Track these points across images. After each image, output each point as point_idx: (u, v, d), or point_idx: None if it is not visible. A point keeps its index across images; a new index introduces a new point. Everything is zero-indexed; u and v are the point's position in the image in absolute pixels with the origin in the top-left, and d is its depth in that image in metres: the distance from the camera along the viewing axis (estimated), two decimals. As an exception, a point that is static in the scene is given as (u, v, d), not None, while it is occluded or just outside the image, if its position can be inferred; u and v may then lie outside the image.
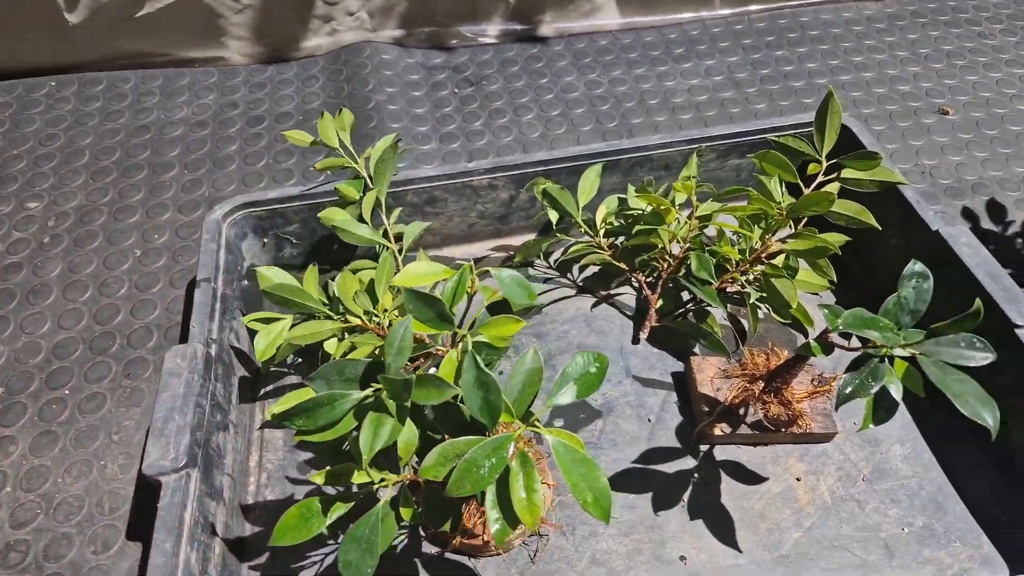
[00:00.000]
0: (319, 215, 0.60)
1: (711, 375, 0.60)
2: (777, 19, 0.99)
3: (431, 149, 0.82)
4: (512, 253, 0.72)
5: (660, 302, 0.66)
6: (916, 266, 0.44)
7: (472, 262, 0.47)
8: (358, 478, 0.43)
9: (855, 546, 0.52)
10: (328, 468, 0.44)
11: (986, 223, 0.76)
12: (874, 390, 0.42)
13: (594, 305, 0.68)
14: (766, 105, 0.87)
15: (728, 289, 0.67)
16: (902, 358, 0.43)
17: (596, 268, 0.70)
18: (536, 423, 0.42)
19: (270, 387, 0.62)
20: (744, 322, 0.67)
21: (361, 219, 0.62)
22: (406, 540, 0.52)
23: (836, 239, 0.65)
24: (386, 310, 0.57)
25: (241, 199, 0.65)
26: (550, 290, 0.69)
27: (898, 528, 0.53)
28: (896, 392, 0.42)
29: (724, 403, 0.57)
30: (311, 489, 0.56)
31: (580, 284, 0.70)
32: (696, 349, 0.65)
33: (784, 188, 0.63)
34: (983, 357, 0.42)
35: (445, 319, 0.40)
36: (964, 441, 0.58)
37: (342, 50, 0.92)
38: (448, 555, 0.52)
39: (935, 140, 0.84)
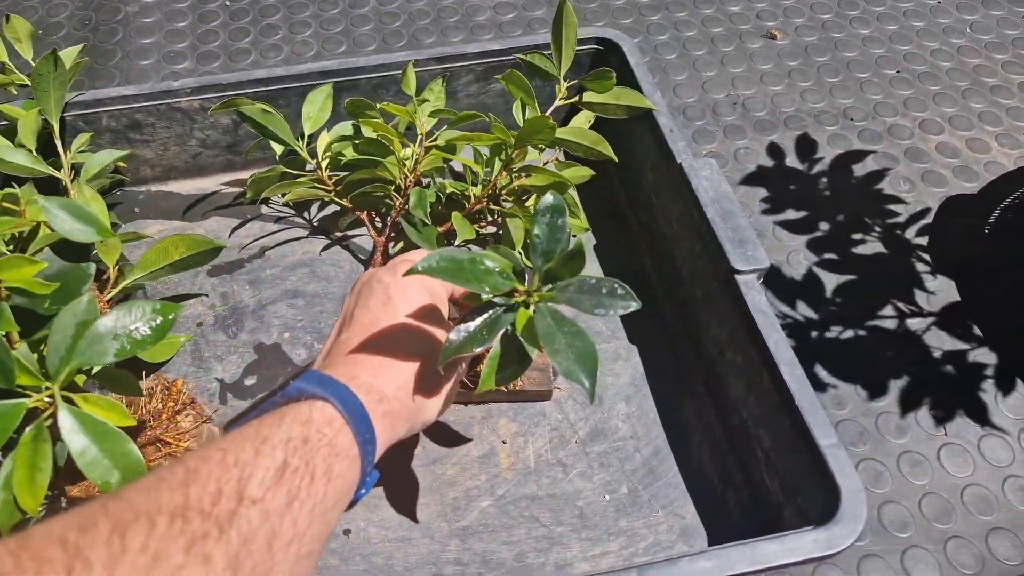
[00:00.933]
0: (-43, 139, 0.51)
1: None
2: (611, -71, 0.88)
3: (184, 69, 0.72)
4: (243, 189, 0.63)
5: (398, 245, 0.59)
6: (549, 198, 0.37)
7: (17, 190, 0.39)
8: None
9: (546, 516, 0.47)
10: None
11: (791, 160, 0.69)
12: (488, 344, 0.35)
13: (324, 248, 0.60)
14: (578, 24, 0.78)
15: (482, 232, 0.60)
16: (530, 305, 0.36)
17: (336, 207, 0.62)
18: (73, 388, 0.34)
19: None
20: (490, 267, 0.59)
21: (22, 146, 0.53)
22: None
23: (580, 173, 0.57)
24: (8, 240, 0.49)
25: None
26: (281, 230, 0.61)
27: (600, 495, 0.48)
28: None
29: None
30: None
31: (315, 224, 0.62)
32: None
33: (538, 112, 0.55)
34: (624, 306, 0.35)
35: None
36: (697, 395, 0.52)
37: (102, -46, 0.80)
38: None
39: (756, 67, 0.76)
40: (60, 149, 0.54)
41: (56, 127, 0.54)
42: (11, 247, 0.39)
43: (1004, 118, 0.71)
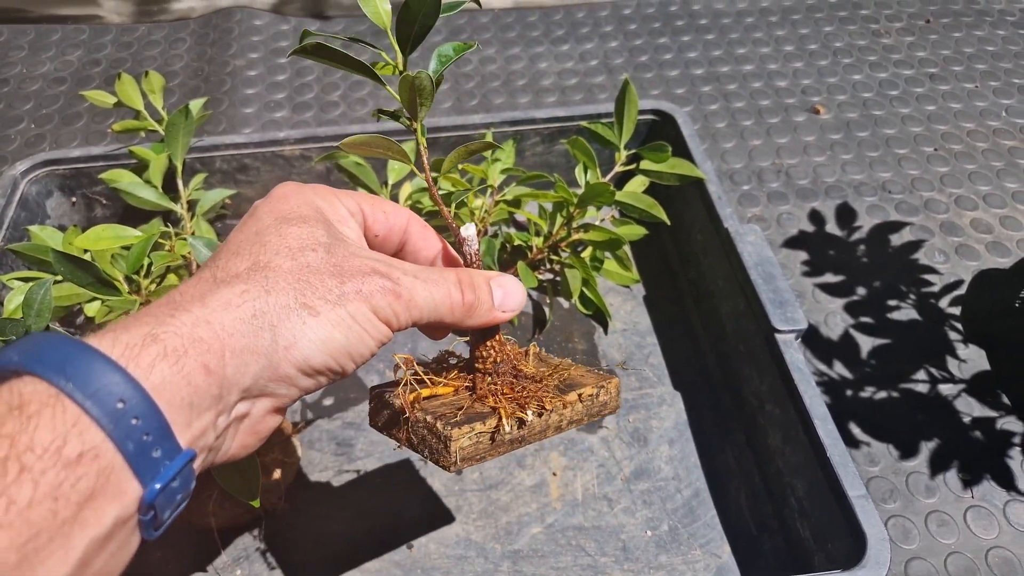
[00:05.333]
0: (99, 176, 0.59)
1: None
2: (668, 6, 0.96)
3: (281, 117, 0.81)
4: (329, 228, 0.70)
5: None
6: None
7: (171, 229, 0.46)
8: None
9: (591, 546, 0.51)
10: None
11: (831, 227, 0.73)
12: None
13: (398, 285, 0.67)
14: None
15: (541, 278, 0.66)
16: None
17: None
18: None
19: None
20: (546, 310, 0.65)
21: (150, 183, 0.61)
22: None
23: (634, 232, 0.63)
24: (149, 272, 0.56)
25: (44, 156, 0.64)
26: (360, 268, 0.68)
27: (642, 531, 0.52)
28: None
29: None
30: None
31: (391, 263, 0.68)
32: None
33: (599, 175, 0.61)
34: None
35: (106, 284, 0.39)
36: (737, 443, 0.56)
37: (214, 14, 0.91)
38: None
39: (800, 139, 0.81)
40: (180, 187, 0.62)
41: (179, 168, 0.62)
42: (159, 276, 0.47)
43: (1039, 198, 0.74)
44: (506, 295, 0.33)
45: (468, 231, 0.34)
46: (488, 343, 0.34)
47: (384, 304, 0.28)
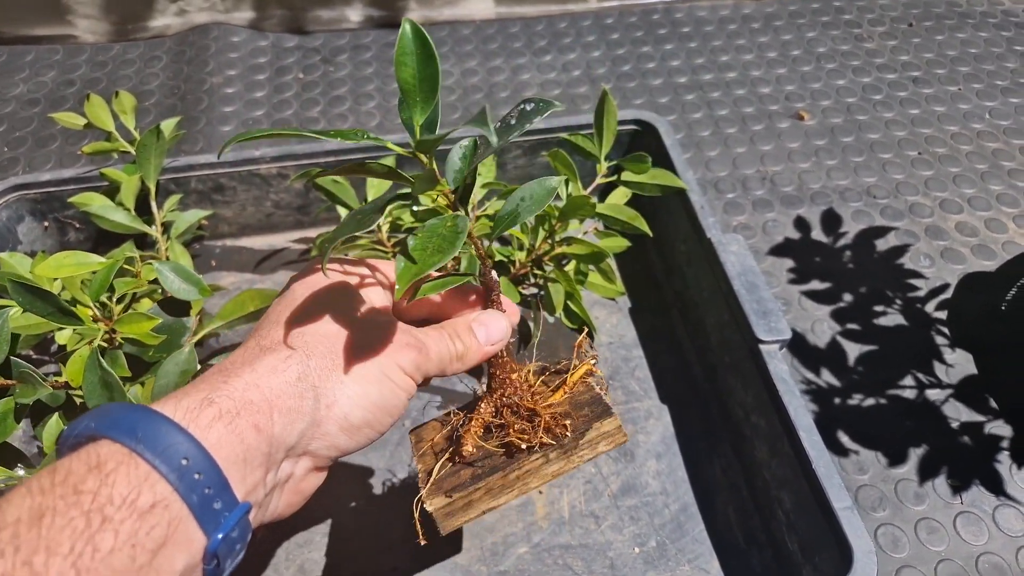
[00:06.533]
0: (69, 200, 0.58)
1: (432, 438, 0.41)
2: (650, 14, 0.96)
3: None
4: (310, 246, 0.70)
5: (447, 302, 0.64)
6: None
7: (136, 254, 0.45)
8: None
9: (579, 564, 0.50)
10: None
11: (817, 234, 0.73)
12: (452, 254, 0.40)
13: (380, 302, 0.66)
14: (618, 102, 0.84)
15: (523, 292, 0.65)
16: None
17: (393, 264, 0.68)
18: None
19: None
20: (531, 324, 0.64)
21: (122, 205, 0.60)
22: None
23: (618, 244, 0.62)
24: (122, 298, 0.55)
25: (14, 180, 0.63)
26: (342, 285, 0.67)
27: (630, 548, 0.51)
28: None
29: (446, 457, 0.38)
30: None
31: (373, 280, 0.67)
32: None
33: (581, 188, 0.60)
34: (544, 108, 0.31)
35: (67, 313, 0.38)
36: (724, 456, 0.55)
37: (191, 31, 0.90)
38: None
39: (785, 145, 0.81)
40: (154, 209, 0.61)
41: (153, 189, 0.61)
42: (129, 301, 0.46)
43: (1021, 200, 0.74)
44: (488, 331, 0.36)
45: (495, 276, 0.37)
46: (496, 373, 0.38)
47: (408, 360, 0.31)
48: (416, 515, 0.36)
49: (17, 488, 0.21)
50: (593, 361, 0.39)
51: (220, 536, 0.23)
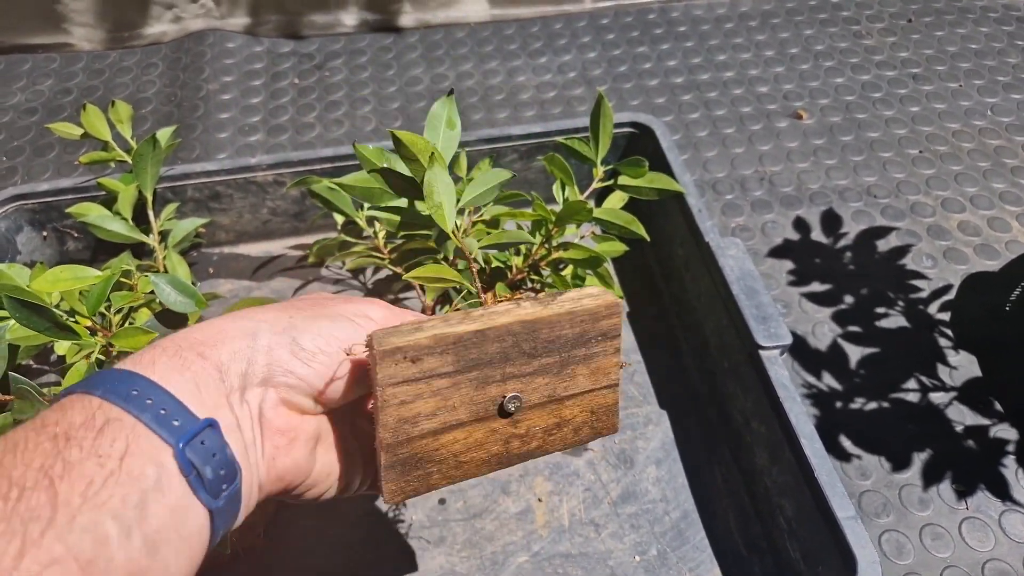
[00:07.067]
0: (67, 210, 0.58)
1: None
2: (646, 14, 0.95)
3: (256, 141, 0.80)
4: (307, 252, 0.69)
5: (444, 308, 0.64)
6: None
7: (133, 266, 0.44)
8: None
9: (579, 573, 0.50)
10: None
11: (817, 235, 0.72)
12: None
13: (378, 309, 0.65)
14: (615, 103, 0.84)
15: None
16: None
17: (389, 271, 0.68)
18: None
19: None
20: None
21: (119, 214, 0.60)
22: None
23: (615, 248, 0.62)
24: (120, 310, 0.55)
25: (12, 191, 0.63)
26: (339, 291, 0.67)
27: (630, 556, 0.51)
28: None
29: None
30: None
31: (370, 288, 0.67)
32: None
33: (577, 192, 0.60)
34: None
35: (63, 328, 0.38)
36: (725, 462, 0.55)
37: (187, 38, 0.90)
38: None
39: (783, 145, 0.80)
40: (151, 218, 0.61)
41: (150, 199, 0.61)
42: (121, 312, 0.45)
43: (1025, 198, 0.73)
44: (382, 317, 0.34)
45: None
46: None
47: (377, 312, 0.32)
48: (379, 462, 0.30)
49: None
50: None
51: (182, 444, 0.24)
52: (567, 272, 0.63)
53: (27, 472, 0.22)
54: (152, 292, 0.52)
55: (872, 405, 0.60)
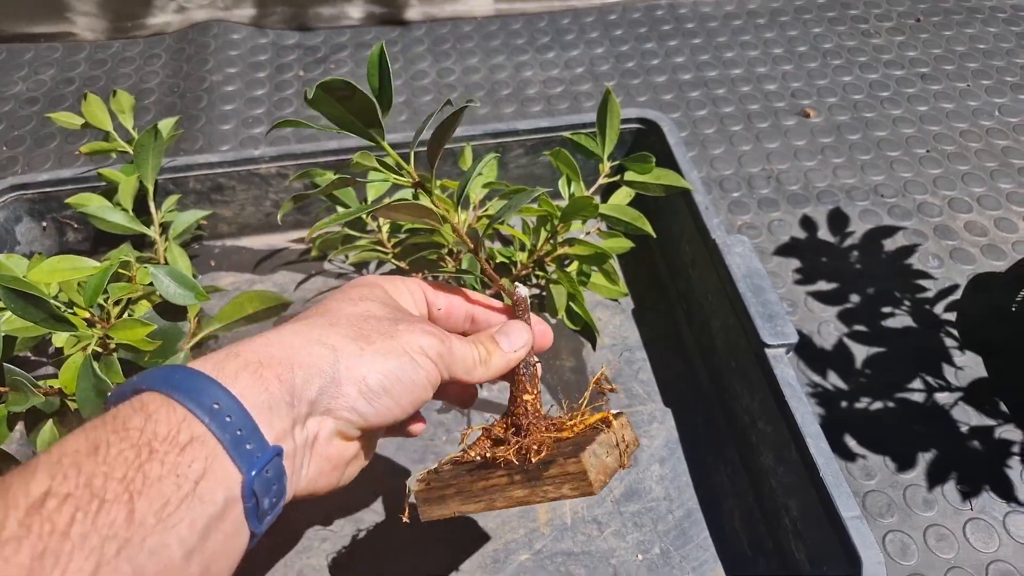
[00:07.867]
0: (66, 200, 0.58)
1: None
2: (654, 10, 0.94)
3: (260, 133, 0.79)
4: (310, 246, 0.69)
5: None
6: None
7: (132, 258, 0.44)
8: None
9: (581, 572, 0.50)
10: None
11: (823, 233, 0.72)
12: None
13: (381, 304, 0.65)
14: (622, 99, 0.83)
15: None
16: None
17: (393, 266, 0.67)
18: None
19: None
20: (533, 328, 0.63)
21: (119, 205, 0.59)
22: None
23: (621, 245, 0.61)
24: (119, 301, 0.55)
25: (11, 180, 0.62)
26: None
27: (633, 555, 0.50)
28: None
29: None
30: None
31: (373, 281, 0.67)
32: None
33: (583, 188, 0.59)
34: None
35: (60, 319, 0.37)
36: (730, 461, 0.55)
37: (191, 28, 0.89)
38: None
39: (790, 143, 0.80)
40: (152, 210, 0.61)
41: (151, 190, 0.60)
42: (119, 303, 0.45)
43: (1033, 199, 0.73)
44: (510, 339, 0.37)
45: (522, 292, 0.39)
46: (512, 392, 0.38)
47: (429, 345, 0.32)
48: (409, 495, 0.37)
49: (74, 431, 0.23)
50: (615, 411, 0.38)
51: (254, 473, 0.25)
52: (572, 268, 0.63)
53: (107, 483, 0.22)
54: (151, 284, 0.52)
55: (877, 405, 0.59)
